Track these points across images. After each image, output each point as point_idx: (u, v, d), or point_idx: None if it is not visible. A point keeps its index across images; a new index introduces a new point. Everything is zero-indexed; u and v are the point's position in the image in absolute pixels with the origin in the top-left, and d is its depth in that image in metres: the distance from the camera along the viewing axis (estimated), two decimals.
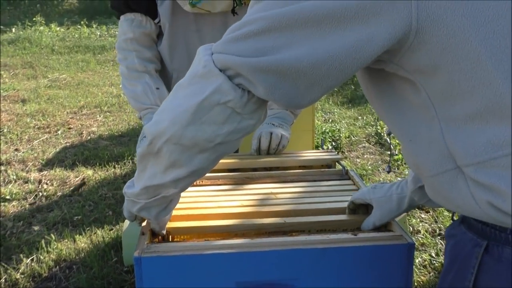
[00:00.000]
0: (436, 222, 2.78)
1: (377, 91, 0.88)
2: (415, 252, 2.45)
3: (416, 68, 0.77)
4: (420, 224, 2.76)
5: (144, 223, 1.23)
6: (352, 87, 5.71)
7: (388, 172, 1.52)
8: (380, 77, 0.85)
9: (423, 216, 2.86)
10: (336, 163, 1.73)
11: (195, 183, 1.53)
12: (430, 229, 2.71)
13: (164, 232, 1.21)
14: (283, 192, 1.46)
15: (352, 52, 0.74)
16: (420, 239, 2.60)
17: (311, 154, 1.80)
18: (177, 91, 0.92)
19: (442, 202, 0.87)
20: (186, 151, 0.92)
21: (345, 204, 1.35)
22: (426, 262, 2.41)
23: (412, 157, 0.86)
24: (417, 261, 2.40)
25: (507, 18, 0.71)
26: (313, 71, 0.77)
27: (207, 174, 1.58)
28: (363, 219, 1.23)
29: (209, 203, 1.40)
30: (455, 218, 0.93)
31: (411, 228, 2.70)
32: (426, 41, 0.72)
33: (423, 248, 2.54)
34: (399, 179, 3.38)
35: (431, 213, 2.88)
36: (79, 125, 4.66)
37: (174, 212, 1.31)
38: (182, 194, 1.45)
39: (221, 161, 1.66)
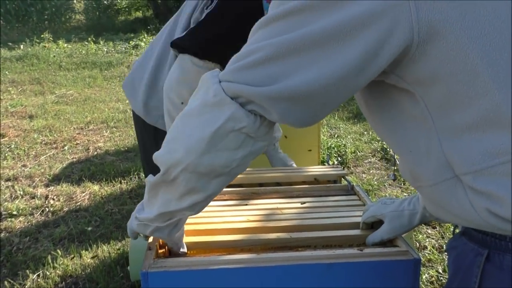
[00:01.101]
0: (443, 237, 2.77)
1: (376, 105, 0.89)
2: (422, 268, 2.43)
3: (416, 79, 0.78)
4: (427, 240, 2.74)
5: (150, 239, 1.23)
6: None
7: (394, 179, 1.52)
8: (379, 91, 0.86)
9: (429, 231, 2.85)
10: (342, 179, 1.73)
11: None
12: (437, 245, 2.69)
13: (185, 250, 1.21)
14: (289, 208, 1.46)
15: (359, 68, 0.75)
16: (427, 255, 2.59)
17: (317, 170, 1.80)
18: (186, 120, 0.92)
19: (441, 213, 0.88)
20: (202, 178, 0.93)
21: (351, 220, 1.35)
22: (433, 278, 2.39)
23: (411, 168, 0.87)
24: (424, 277, 2.38)
25: (503, 30, 0.72)
26: (324, 92, 0.78)
27: None
28: (369, 234, 1.23)
29: (215, 218, 1.40)
30: (456, 231, 0.94)
31: (417, 244, 2.69)
32: (426, 52, 0.74)
33: (430, 264, 2.52)
34: (405, 194, 3.38)
35: (438, 229, 2.87)
36: (86, 140, 4.69)
37: None
38: None
39: None
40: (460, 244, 0.88)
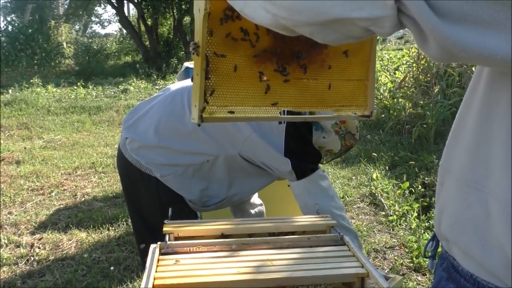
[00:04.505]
0: None
1: None
2: None
3: None
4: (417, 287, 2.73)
5: None
6: None
7: None
8: None
9: (419, 278, 2.84)
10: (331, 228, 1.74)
11: (191, 250, 1.53)
12: None
13: None
14: (279, 259, 1.46)
15: None
16: None
17: (306, 220, 1.81)
18: None
19: (467, 234, 0.74)
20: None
21: (341, 271, 1.36)
22: None
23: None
24: None
25: None
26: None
27: (203, 241, 1.58)
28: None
29: (205, 270, 1.39)
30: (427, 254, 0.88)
31: None
32: None
33: None
34: (394, 240, 3.37)
35: (427, 276, 2.86)
36: (73, 186, 4.65)
37: (170, 281, 1.31)
38: (179, 262, 1.45)
39: (216, 226, 1.69)
40: None
